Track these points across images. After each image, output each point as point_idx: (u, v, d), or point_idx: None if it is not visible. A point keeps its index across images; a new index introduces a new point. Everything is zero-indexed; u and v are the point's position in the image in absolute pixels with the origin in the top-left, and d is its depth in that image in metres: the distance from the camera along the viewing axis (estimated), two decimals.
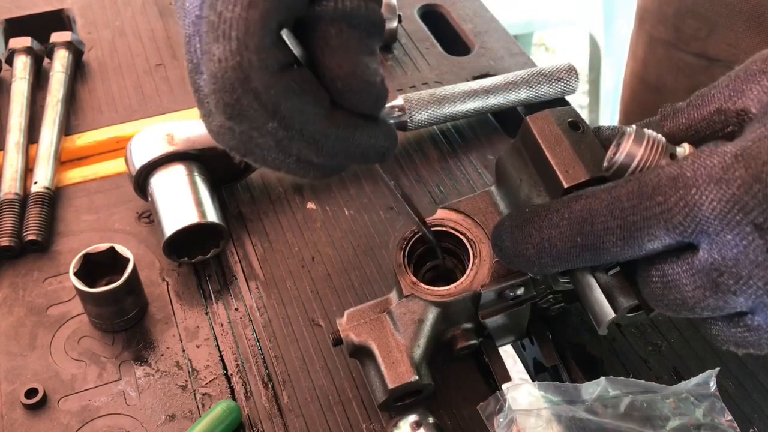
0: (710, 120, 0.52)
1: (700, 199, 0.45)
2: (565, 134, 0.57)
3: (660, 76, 1.09)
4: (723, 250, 0.45)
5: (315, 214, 0.84)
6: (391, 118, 0.88)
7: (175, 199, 0.76)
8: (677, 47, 1.04)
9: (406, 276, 0.64)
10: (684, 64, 1.04)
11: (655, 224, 0.47)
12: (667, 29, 1.04)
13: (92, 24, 1.10)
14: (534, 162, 0.59)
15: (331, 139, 0.51)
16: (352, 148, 0.52)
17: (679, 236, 0.47)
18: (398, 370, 0.61)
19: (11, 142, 0.87)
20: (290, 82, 0.48)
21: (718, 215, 0.45)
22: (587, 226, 0.50)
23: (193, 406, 0.68)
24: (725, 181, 0.44)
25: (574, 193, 0.52)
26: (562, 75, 0.94)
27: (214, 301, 0.76)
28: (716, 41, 0.98)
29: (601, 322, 0.55)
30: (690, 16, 0.99)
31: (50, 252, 0.80)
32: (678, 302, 0.49)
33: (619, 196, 0.49)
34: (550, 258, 0.52)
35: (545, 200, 0.58)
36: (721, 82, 0.52)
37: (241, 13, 0.46)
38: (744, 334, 0.49)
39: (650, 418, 0.59)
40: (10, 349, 0.71)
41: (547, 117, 0.58)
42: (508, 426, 0.58)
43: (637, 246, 0.48)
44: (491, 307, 0.64)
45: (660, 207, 0.47)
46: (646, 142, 0.51)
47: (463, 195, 0.86)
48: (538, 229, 0.52)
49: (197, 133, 0.79)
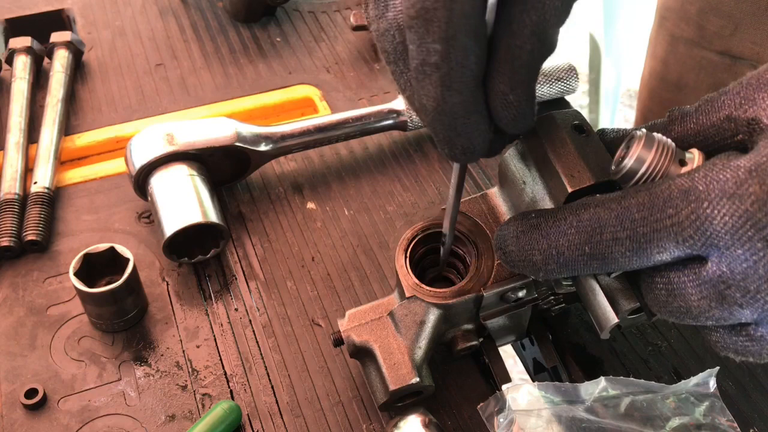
0: (720, 127, 0.51)
1: (711, 214, 0.45)
2: (569, 137, 0.56)
3: (681, 75, 1.09)
4: (732, 264, 0.45)
5: (315, 214, 0.84)
6: (391, 119, 0.89)
7: (175, 199, 0.76)
8: (700, 45, 1.03)
9: (408, 277, 0.64)
10: (707, 62, 1.03)
11: (665, 236, 0.47)
12: (689, 27, 1.04)
13: (92, 24, 1.10)
14: (538, 165, 0.58)
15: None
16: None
17: (688, 249, 0.47)
18: (399, 372, 0.61)
19: (11, 142, 0.87)
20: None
21: (729, 230, 0.45)
22: (596, 235, 0.49)
23: (193, 406, 0.68)
24: (738, 197, 0.44)
25: (583, 200, 0.52)
26: (562, 75, 0.94)
27: (214, 301, 0.76)
28: (740, 39, 0.97)
29: (604, 327, 0.55)
30: (714, 14, 0.99)
31: (50, 252, 0.80)
32: (682, 310, 0.49)
33: (629, 206, 0.48)
34: (557, 265, 0.52)
35: (549, 204, 0.57)
36: (732, 88, 0.51)
37: None
38: (746, 343, 0.49)
39: (650, 418, 0.59)
40: (10, 349, 0.71)
41: (551, 120, 0.58)
42: (508, 426, 0.58)
43: (646, 257, 0.48)
44: (493, 309, 0.64)
45: (671, 219, 0.46)
46: (656, 147, 0.50)
47: (463, 195, 0.86)
48: (545, 235, 0.52)
49: (197, 133, 0.79)
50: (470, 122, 0.49)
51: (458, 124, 0.49)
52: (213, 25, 1.10)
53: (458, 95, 0.48)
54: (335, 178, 0.88)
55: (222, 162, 0.82)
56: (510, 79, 0.48)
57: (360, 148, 0.92)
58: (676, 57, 1.08)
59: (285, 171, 0.89)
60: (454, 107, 0.48)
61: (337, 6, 1.14)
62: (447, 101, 0.48)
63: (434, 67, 0.47)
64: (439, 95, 0.48)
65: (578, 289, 0.58)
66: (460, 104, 0.48)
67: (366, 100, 0.99)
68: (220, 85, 1.00)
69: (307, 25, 1.11)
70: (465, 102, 0.48)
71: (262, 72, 1.03)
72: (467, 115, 0.49)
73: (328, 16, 1.13)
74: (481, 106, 0.49)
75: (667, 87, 1.12)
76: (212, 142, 0.79)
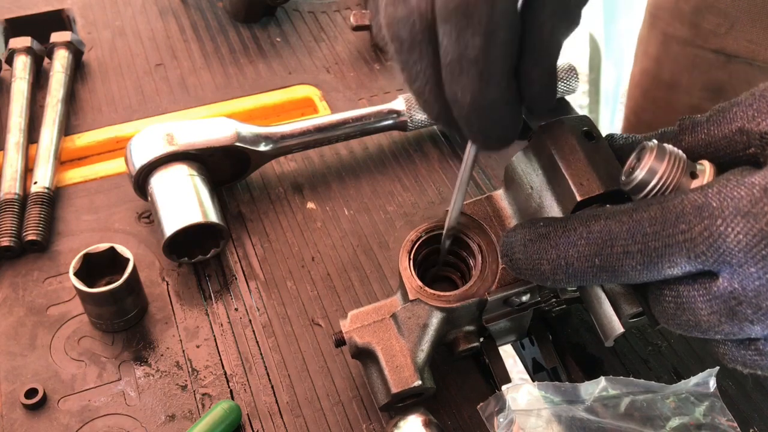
0: (731, 139, 0.51)
1: (725, 231, 0.45)
2: (579, 144, 0.56)
3: (674, 73, 1.08)
4: (744, 282, 0.45)
5: (315, 214, 0.84)
6: (391, 119, 0.89)
7: (174, 199, 0.76)
8: (694, 44, 1.03)
9: (411, 280, 0.63)
10: (701, 61, 1.03)
11: (677, 252, 0.47)
12: (683, 26, 1.04)
13: (92, 24, 1.10)
14: (546, 171, 0.58)
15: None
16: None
17: (700, 264, 0.46)
18: (402, 375, 0.61)
19: (11, 142, 0.87)
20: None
21: (743, 248, 0.44)
22: (606, 248, 0.49)
23: (193, 406, 0.68)
24: (753, 215, 0.44)
25: (593, 211, 0.51)
26: (562, 75, 0.94)
27: (214, 301, 0.76)
28: (736, 37, 0.97)
29: (609, 336, 0.55)
30: (709, 12, 0.99)
31: (50, 252, 0.80)
32: (691, 324, 0.49)
33: (641, 220, 0.48)
34: (566, 276, 0.51)
35: (557, 210, 0.57)
36: (744, 100, 0.51)
37: None
38: (754, 357, 0.48)
39: (650, 417, 0.59)
40: (10, 349, 0.71)
41: (561, 126, 0.57)
42: (508, 426, 0.58)
43: (657, 271, 0.48)
44: (496, 312, 0.64)
45: (683, 235, 0.46)
46: (667, 158, 0.50)
47: (465, 197, 0.86)
48: (554, 245, 0.51)
49: (197, 133, 0.79)
50: (506, 112, 0.50)
51: (496, 115, 0.49)
52: (213, 25, 1.10)
53: (496, 88, 0.48)
54: (335, 178, 0.88)
55: (222, 162, 0.82)
56: (538, 62, 0.49)
57: (360, 148, 0.92)
58: (669, 56, 1.08)
59: (285, 171, 0.89)
60: (493, 101, 0.48)
61: (337, 6, 1.14)
62: (485, 95, 0.48)
63: (473, 61, 0.47)
64: (477, 89, 0.48)
65: (583, 296, 0.57)
66: (498, 97, 0.49)
67: (366, 100, 0.99)
68: (220, 85, 1.00)
69: (307, 25, 1.11)
70: (502, 94, 0.49)
71: (262, 72, 1.03)
72: (504, 105, 0.49)
73: (328, 16, 1.13)
74: (515, 95, 0.50)
75: (660, 86, 1.12)
76: (212, 142, 0.79)
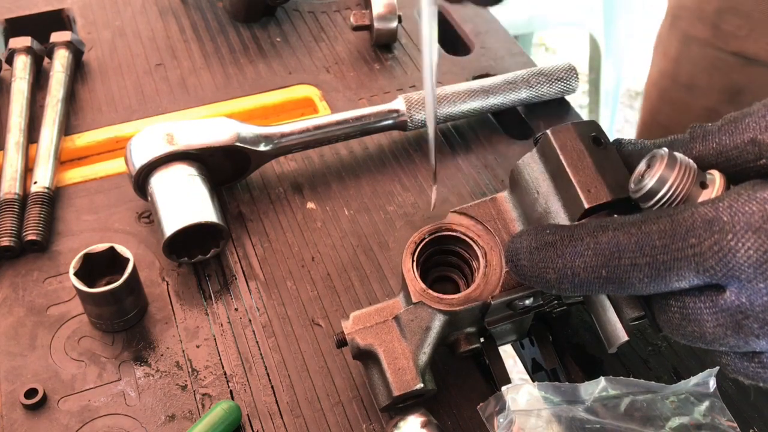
0: (743, 149, 0.50)
1: (735, 246, 0.45)
2: (587, 150, 0.55)
3: (693, 75, 1.08)
4: (753, 297, 0.45)
5: (315, 214, 0.84)
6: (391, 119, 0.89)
7: (175, 199, 0.76)
8: (714, 45, 1.02)
9: (415, 282, 0.62)
10: (720, 63, 1.03)
11: (685, 266, 0.47)
12: (705, 27, 1.03)
13: (92, 24, 1.10)
14: (553, 177, 0.57)
15: None
16: None
17: (708, 278, 0.46)
18: (404, 378, 0.61)
19: (11, 141, 0.87)
20: None
21: (753, 264, 0.44)
22: (614, 260, 0.49)
23: (193, 406, 0.68)
24: (764, 231, 0.44)
25: (601, 221, 0.51)
26: (562, 75, 0.94)
27: (214, 301, 0.76)
28: (755, 40, 0.97)
29: (613, 344, 0.55)
30: (732, 14, 0.98)
31: (50, 252, 0.80)
32: (695, 335, 0.49)
33: (650, 232, 0.48)
34: (571, 285, 0.51)
35: (563, 217, 0.57)
36: (757, 110, 0.50)
37: None
38: (758, 370, 0.49)
39: (650, 418, 0.59)
40: (10, 349, 0.71)
41: (569, 131, 0.57)
42: (508, 426, 0.58)
43: (664, 284, 0.48)
44: (498, 315, 0.64)
45: (692, 249, 0.46)
46: (678, 167, 0.49)
47: (463, 195, 0.86)
48: (561, 255, 0.51)
49: (197, 133, 0.79)
50: None
51: None
52: (213, 25, 1.10)
53: None
54: (335, 178, 0.88)
55: (222, 162, 0.82)
56: None
57: (360, 148, 0.92)
58: (688, 57, 1.08)
59: (285, 171, 0.89)
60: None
61: (337, 6, 1.14)
62: None
63: None
64: None
65: (588, 304, 0.57)
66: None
67: (366, 100, 0.99)
68: (220, 85, 1.00)
69: (307, 25, 1.11)
70: None
71: (262, 72, 1.03)
72: None
73: (328, 16, 1.13)
74: None
75: (678, 87, 1.12)
76: (212, 142, 0.79)
